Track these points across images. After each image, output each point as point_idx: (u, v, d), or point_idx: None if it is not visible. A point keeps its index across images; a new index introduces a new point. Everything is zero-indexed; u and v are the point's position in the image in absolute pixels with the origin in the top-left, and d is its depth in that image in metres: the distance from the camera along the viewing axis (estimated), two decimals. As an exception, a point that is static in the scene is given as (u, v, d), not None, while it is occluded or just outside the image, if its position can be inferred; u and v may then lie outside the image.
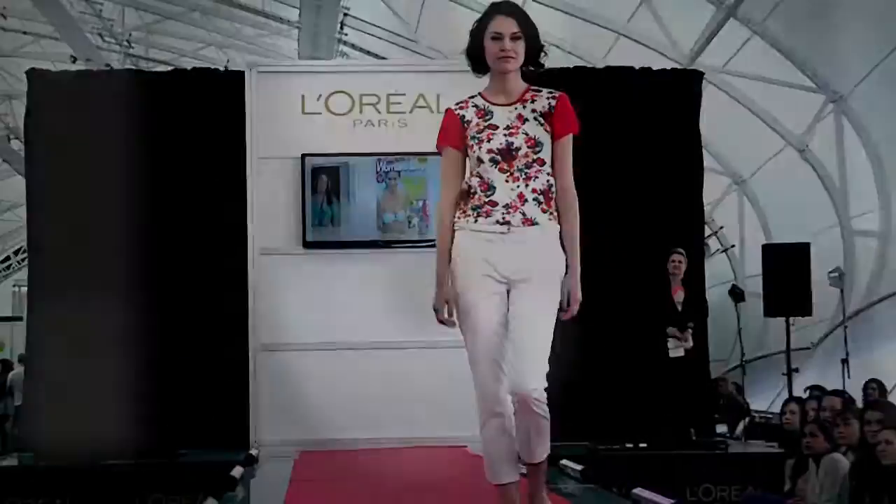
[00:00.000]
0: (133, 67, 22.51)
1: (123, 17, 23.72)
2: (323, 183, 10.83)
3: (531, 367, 5.07)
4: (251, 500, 7.84)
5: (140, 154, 11.11)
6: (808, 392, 13.28)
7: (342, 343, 10.61)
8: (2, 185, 31.21)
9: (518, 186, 5.20)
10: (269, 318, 10.70)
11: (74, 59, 22.46)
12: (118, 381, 10.76)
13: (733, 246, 22.25)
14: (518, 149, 5.21)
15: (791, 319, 14.19)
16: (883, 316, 17.56)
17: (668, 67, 13.51)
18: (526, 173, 5.21)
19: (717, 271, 19.75)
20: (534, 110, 5.29)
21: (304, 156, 10.79)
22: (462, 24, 5.90)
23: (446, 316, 5.30)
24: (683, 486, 9.68)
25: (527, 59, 5.30)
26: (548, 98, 5.33)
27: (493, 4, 5.29)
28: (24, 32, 23.91)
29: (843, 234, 18.79)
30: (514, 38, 5.20)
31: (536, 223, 5.20)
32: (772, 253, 14.55)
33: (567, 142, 5.33)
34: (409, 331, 10.36)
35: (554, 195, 5.30)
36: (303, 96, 10.95)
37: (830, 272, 16.68)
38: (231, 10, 21.82)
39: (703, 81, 12.05)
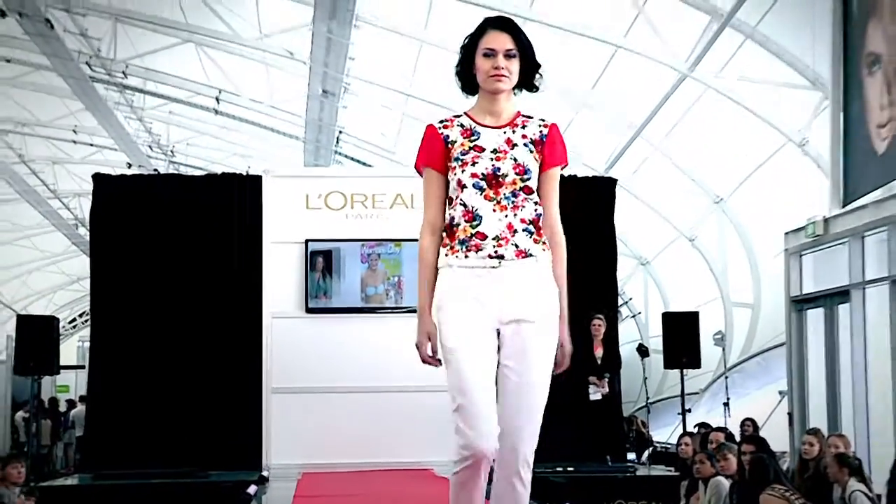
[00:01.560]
0: (175, 172, 22.52)
1: (169, 133, 23.76)
2: (319, 263, 10.81)
3: (529, 434, 4.00)
4: (263, 512, 7.75)
5: (180, 239, 11.12)
6: (697, 428, 13.27)
7: (336, 387, 10.55)
8: (72, 262, 31.15)
9: (506, 216, 3.95)
10: (279, 367, 10.64)
11: (130, 165, 22.48)
12: (160, 416, 10.70)
13: (640, 313, 22.31)
14: (505, 175, 3.97)
15: (684, 371, 14.17)
16: (755, 369, 17.63)
17: (591, 175, 13.59)
18: (513, 202, 3.97)
19: (627, 332, 19.79)
20: (524, 136, 4.05)
21: (307, 241, 10.77)
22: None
23: (429, 353, 4.02)
24: (601, 502, 9.61)
25: (521, 81, 4.07)
26: (539, 125, 4.10)
27: (486, 19, 4.09)
28: (91, 144, 23.91)
29: (724, 305, 18.89)
30: (508, 55, 3.98)
31: (531, 255, 3.97)
32: (669, 319, 14.55)
33: (555, 174, 4.12)
34: (388, 377, 10.35)
35: (543, 225, 4.07)
36: (307, 195, 10.95)
37: (714, 334, 16.75)
38: (251, 128, 21.87)
39: (617, 186, 12.08)
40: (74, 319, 36.27)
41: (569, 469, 10.15)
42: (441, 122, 4.14)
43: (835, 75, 12.52)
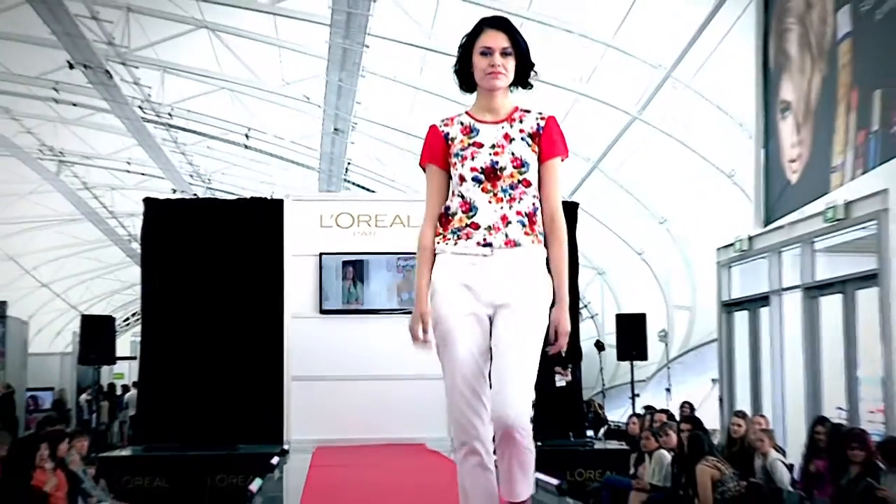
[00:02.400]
0: (212, 197, 22.51)
1: (206, 164, 23.79)
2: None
3: (515, 397, 3.37)
4: (284, 479, 7.72)
5: (215, 252, 11.10)
6: (644, 410, 13.28)
7: (344, 375, 10.51)
8: (126, 271, 31.22)
9: (502, 208, 3.47)
10: (297, 358, 10.61)
11: (174, 191, 22.46)
12: (199, 399, 10.68)
13: (597, 314, 22.34)
14: (503, 168, 3.48)
15: (634, 362, 14.20)
16: (692, 360, 17.67)
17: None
18: (510, 194, 3.48)
19: (587, 331, 19.81)
20: (521, 130, 3.56)
21: (321, 254, 10.76)
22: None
23: (421, 335, 3.51)
24: (565, 471, 9.62)
25: (516, 78, 3.59)
26: (537, 119, 3.61)
27: (482, 19, 3.60)
28: (142, 174, 23.94)
29: (666, 308, 18.93)
30: (504, 53, 3.50)
31: (519, 245, 3.46)
32: (621, 319, 14.61)
33: (554, 165, 3.57)
34: (388, 367, 10.29)
35: (539, 218, 3.55)
36: (321, 216, 10.94)
37: (659, 332, 16.83)
38: (275, 160, 21.89)
39: (579, 209, 12.11)
40: (128, 318, 36.26)
41: (538, 444, 10.11)
42: (442, 121, 3.66)
43: (757, 119, 12.60)
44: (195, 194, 22.93)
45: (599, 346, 15.65)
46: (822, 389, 10.76)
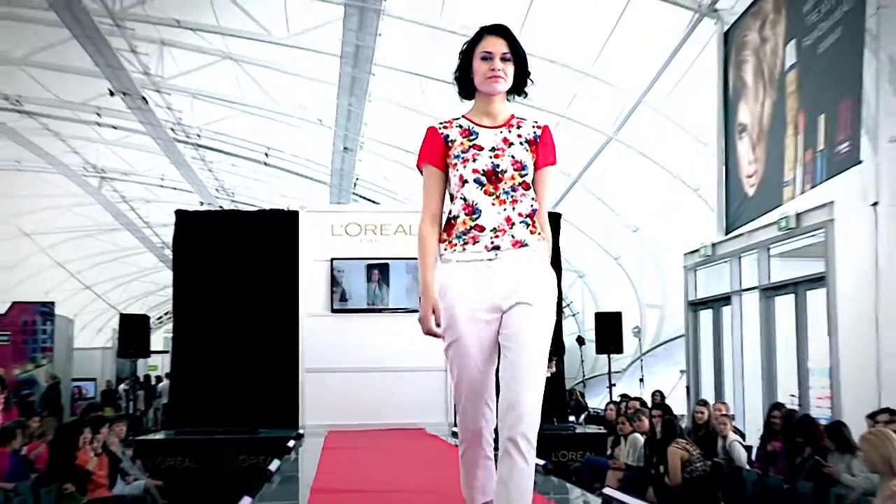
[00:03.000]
0: (235, 208, 22.51)
1: (230, 179, 23.81)
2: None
3: (521, 408, 3.02)
4: (300, 460, 7.72)
5: (238, 257, 11.09)
6: (620, 398, 13.30)
7: (353, 367, 10.48)
8: (159, 274, 31.23)
9: (504, 209, 3.18)
10: (311, 352, 10.61)
11: (202, 203, 22.47)
12: (224, 388, 10.68)
13: (578, 312, 22.35)
14: (504, 171, 3.20)
15: (611, 355, 14.22)
16: (663, 353, 17.70)
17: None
18: (512, 196, 3.20)
19: (569, 327, 19.85)
20: (519, 136, 3.29)
21: (332, 259, 10.76)
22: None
23: (434, 326, 3.15)
24: (549, 453, 9.59)
25: (514, 85, 3.30)
26: (533, 126, 3.34)
27: (483, 26, 3.31)
28: (174, 188, 23.96)
29: (639, 307, 18.95)
30: (504, 59, 3.21)
31: (526, 244, 3.19)
32: (600, 317, 14.61)
33: (548, 172, 3.34)
34: (392, 360, 10.30)
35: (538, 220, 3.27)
36: (332, 225, 10.93)
37: (633, 328, 16.86)
38: (291, 175, 21.92)
39: (562, 219, 12.11)
40: (161, 317, 36.16)
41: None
42: (441, 123, 3.36)
43: (718, 139, 12.63)
44: (220, 206, 22.94)
45: (580, 340, 15.69)
46: (776, 378, 10.79)
